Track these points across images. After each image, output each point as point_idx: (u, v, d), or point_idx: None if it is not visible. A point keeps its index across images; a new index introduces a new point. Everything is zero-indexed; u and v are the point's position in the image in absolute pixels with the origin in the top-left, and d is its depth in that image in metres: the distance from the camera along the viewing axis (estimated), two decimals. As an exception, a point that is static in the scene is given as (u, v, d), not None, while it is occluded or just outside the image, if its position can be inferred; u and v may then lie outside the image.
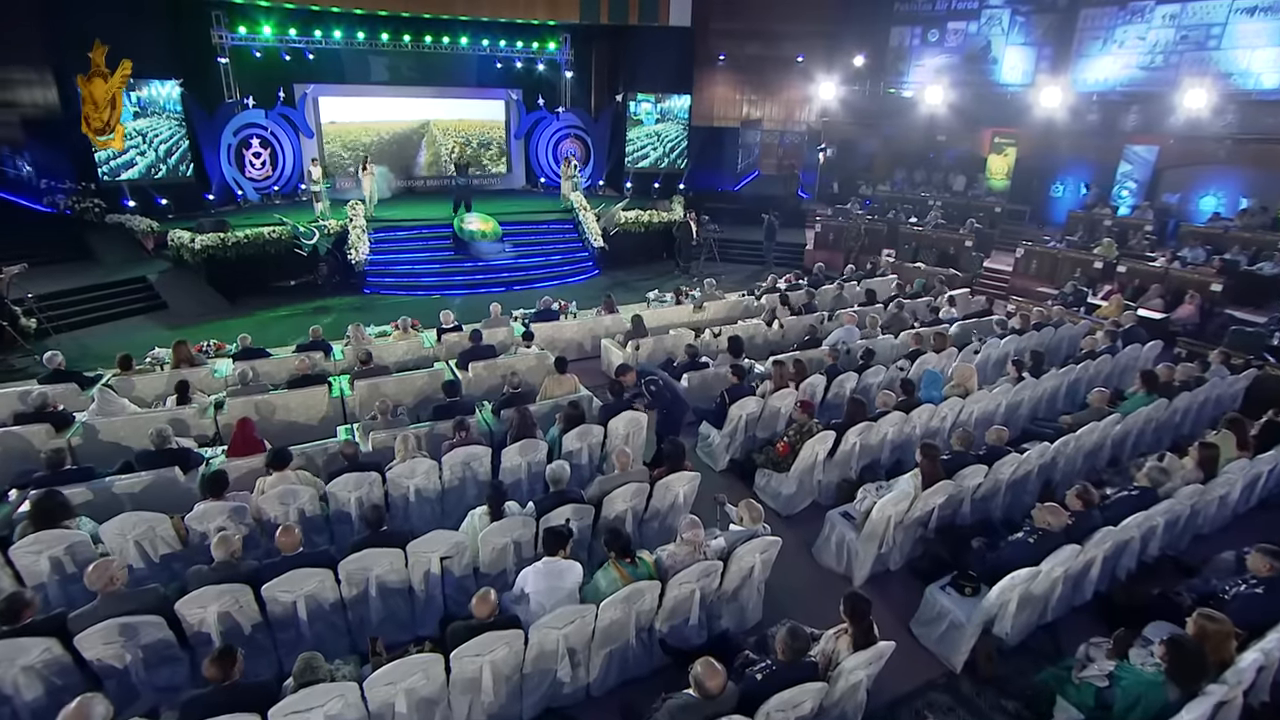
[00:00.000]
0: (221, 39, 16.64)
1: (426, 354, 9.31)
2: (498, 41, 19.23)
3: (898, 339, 9.81)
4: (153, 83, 15.22)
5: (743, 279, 15.36)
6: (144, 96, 15.27)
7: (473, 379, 8.47)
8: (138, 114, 15.24)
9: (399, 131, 19.52)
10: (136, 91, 15.13)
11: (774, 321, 10.43)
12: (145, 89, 15.19)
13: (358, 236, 13.56)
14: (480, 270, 14.43)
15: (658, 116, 20.29)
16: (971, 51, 18.02)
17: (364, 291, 13.61)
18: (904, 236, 15.50)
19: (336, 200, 15.81)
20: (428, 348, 9.35)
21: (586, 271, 15.38)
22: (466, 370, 8.48)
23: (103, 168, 14.73)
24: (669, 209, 17.06)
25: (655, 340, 9.53)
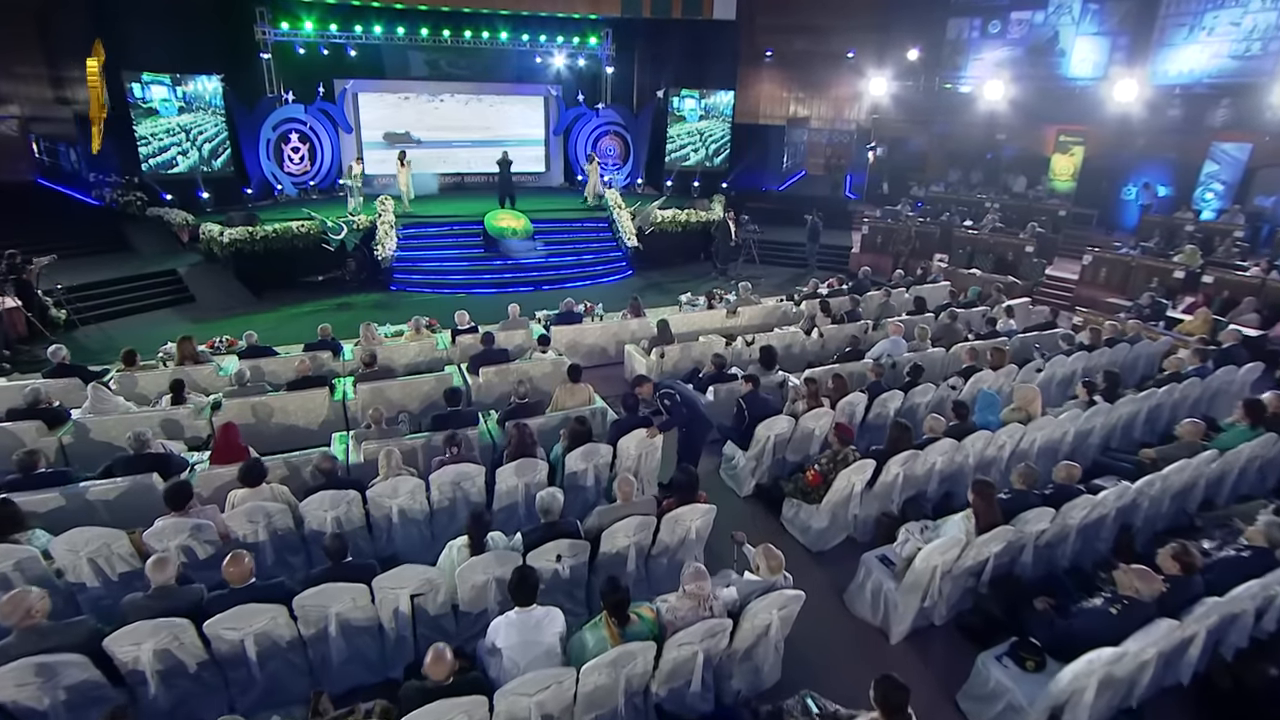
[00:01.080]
0: (265, 35, 16.55)
1: (440, 356, 8.75)
2: (538, 36, 18.74)
3: (949, 353, 8.83)
4: (198, 78, 15.18)
5: (782, 283, 14.47)
6: (189, 92, 15.26)
7: (483, 385, 7.86)
8: (182, 109, 15.24)
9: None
10: (182, 86, 15.14)
11: (813, 330, 9.55)
12: (191, 84, 15.18)
13: (385, 232, 13.17)
14: (509, 269, 13.89)
15: (701, 113, 19.49)
16: (1037, 43, 16.68)
17: (390, 288, 13.21)
18: (958, 240, 14.35)
19: (376, 196, 15.51)
20: (441, 350, 8.80)
21: (620, 272, 14.71)
22: (477, 375, 7.88)
23: (146, 163, 14.76)
24: (707, 208, 16.25)
25: (682, 348, 8.77)
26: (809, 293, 11.19)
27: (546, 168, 20.29)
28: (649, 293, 13.62)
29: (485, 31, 18.29)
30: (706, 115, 19.48)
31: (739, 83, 20.48)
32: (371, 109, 18.44)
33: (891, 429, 5.88)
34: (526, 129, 19.94)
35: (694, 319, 10.11)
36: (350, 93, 17.98)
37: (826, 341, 9.59)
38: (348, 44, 17.27)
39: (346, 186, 14.78)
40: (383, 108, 18.60)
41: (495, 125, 19.65)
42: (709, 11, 19.12)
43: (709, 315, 10.22)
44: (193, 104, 15.35)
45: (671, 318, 9.93)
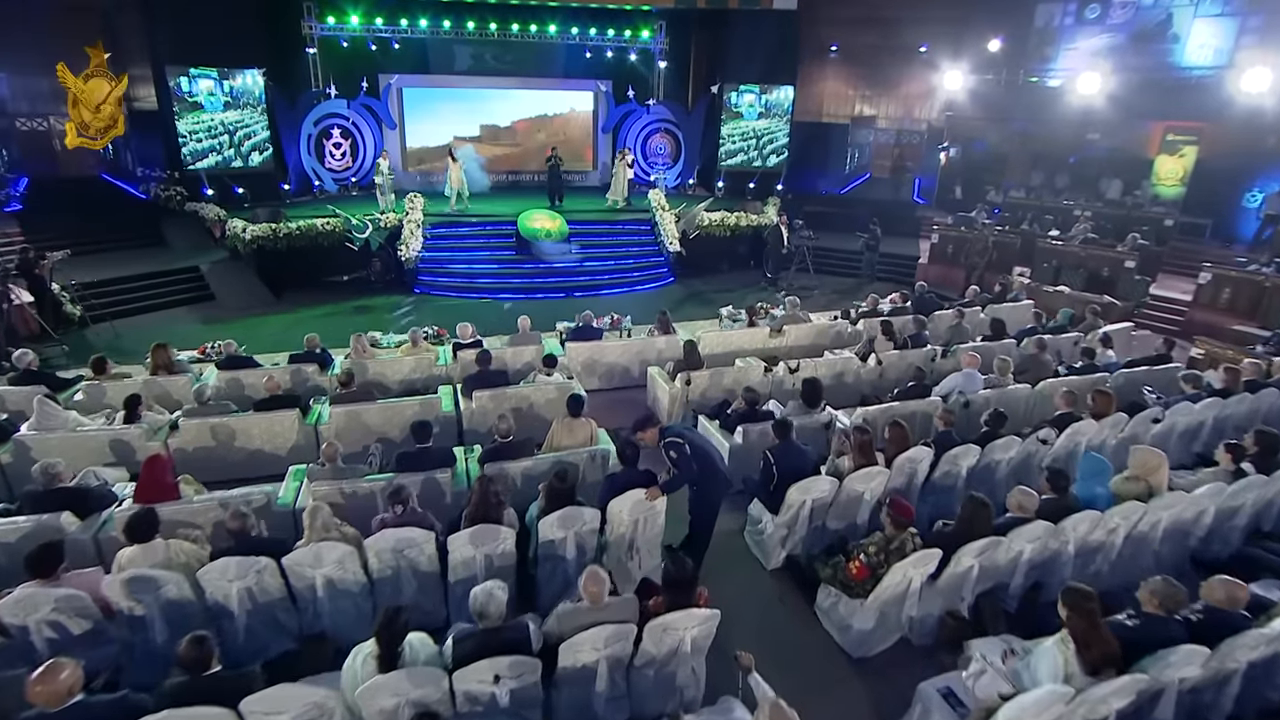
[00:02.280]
0: (311, 29, 16.03)
1: (439, 374, 7.69)
2: (588, 29, 17.62)
3: (1035, 390, 7.20)
4: (244, 72, 14.72)
5: (838, 296, 12.87)
6: (236, 86, 14.82)
7: (477, 411, 6.74)
8: (228, 104, 14.80)
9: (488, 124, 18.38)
10: (230, 81, 14.71)
11: (870, 356, 8.05)
12: (238, 78, 14.74)
13: (410, 232, 12.28)
14: (541, 273, 12.81)
15: (760, 110, 17.97)
16: (1144, 28, 14.47)
17: (414, 291, 12.33)
18: (1042, 252, 12.44)
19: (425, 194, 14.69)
20: (441, 366, 7.73)
21: (660, 279, 13.42)
22: (470, 399, 6.77)
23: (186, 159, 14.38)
24: (759, 211, 14.77)
25: (712, 374, 7.42)
26: (868, 310, 9.65)
27: (594, 166, 19.19)
28: (689, 303, 12.30)
29: (533, 24, 17.29)
30: (766, 113, 17.95)
31: (800, 79, 18.82)
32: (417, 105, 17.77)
33: (965, 505, 4.41)
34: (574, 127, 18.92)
35: (732, 338, 8.74)
36: (395, 87, 17.30)
37: (886, 370, 8.07)
38: (393, 38, 16.59)
39: (377, 184, 14.01)
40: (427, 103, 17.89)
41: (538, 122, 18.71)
42: (768, 2, 17.58)
43: (750, 334, 8.83)
44: (239, 99, 14.90)
45: (706, 335, 8.61)
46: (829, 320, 9.64)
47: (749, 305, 9.23)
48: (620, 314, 9.71)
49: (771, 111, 17.94)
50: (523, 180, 18.45)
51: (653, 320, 9.54)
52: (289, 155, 15.82)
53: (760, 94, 17.77)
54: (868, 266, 14.02)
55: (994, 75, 16.62)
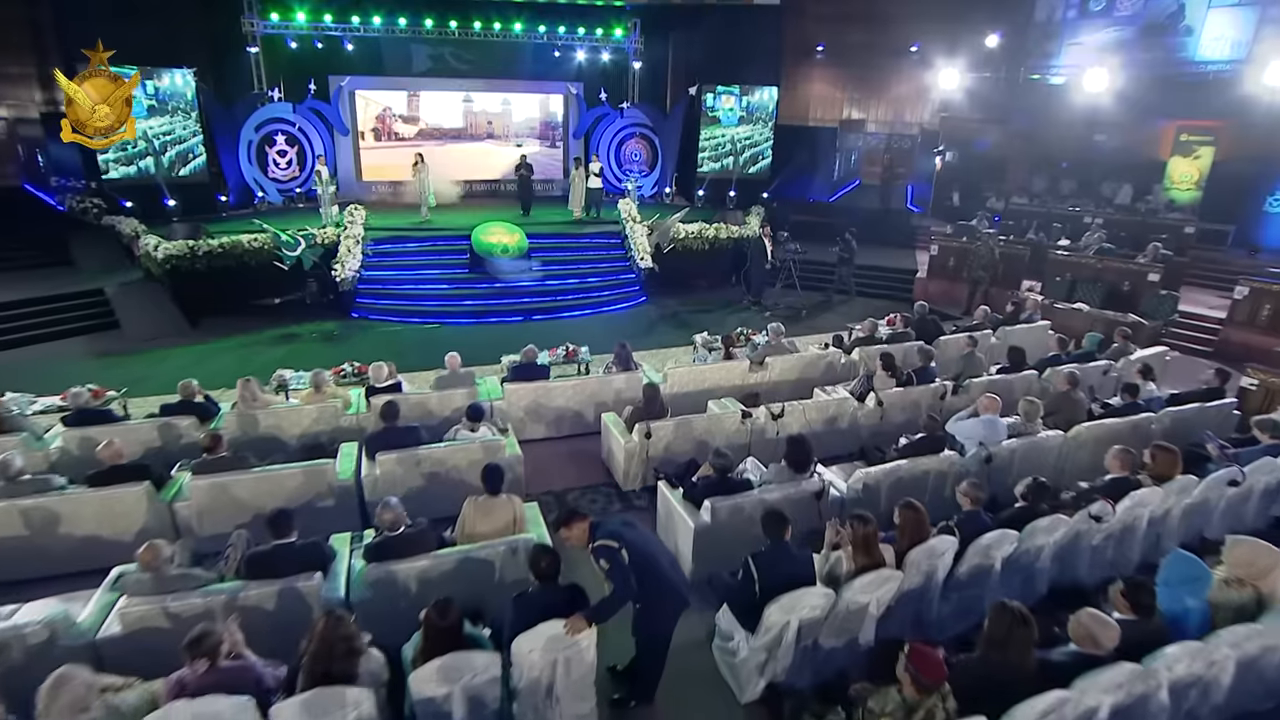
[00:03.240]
0: (253, 27, 14.72)
1: (350, 425, 6.35)
2: (556, 27, 16.43)
3: (1070, 436, 5.96)
4: (173, 72, 13.36)
5: (828, 316, 11.63)
6: (164, 88, 13.46)
7: (381, 479, 5.40)
8: (153, 108, 13.43)
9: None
10: (155, 81, 13.35)
11: (868, 395, 6.79)
12: (164, 79, 13.38)
13: (347, 250, 10.94)
14: (497, 293, 11.50)
15: (741, 114, 16.81)
16: (1154, 21, 13.41)
17: (351, 315, 10.98)
18: (1054, 265, 11.27)
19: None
20: (351, 416, 6.39)
21: (631, 299, 12.14)
22: (374, 463, 5.43)
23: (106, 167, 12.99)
24: (740, 222, 13.55)
25: (678, 425, 6.11)
26: (864, 336, 8.40)
27: (565, 175, 17.94)
28: (663, 326, 11.02)
29: (497, 22, 16.09)
30: (748, 116, 16.79)
31: (785, 80, 17.75)
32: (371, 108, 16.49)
33: (996, 619, 3.10)
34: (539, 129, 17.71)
35: (705, 374, 7.45)
36: (346, 90, 16.00)
37: (888, 411, 6.80)
38: (344, 37, 15.32)
39: (319, 194, 12.68)
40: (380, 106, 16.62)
41: (504, 127, 17.51)
42: (750, -3, 16.50)
43: (726, 369, 7.54)
44: (167, 101, 13.54)
45: (675, 372, 7.32)
46: (818, 349, 8.37)
47: (727, 335, 7.92)
48: (577, 344, 8.39)
49: (754, 115, 16.79)
50: (498, 189, 17.24)
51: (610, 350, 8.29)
52: (227, 164, 14.47)
53: (741, 96, 16.63)
54: (842, 281, 12.81)
55: (992, 73, 15.55)
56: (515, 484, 5.77)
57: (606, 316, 11.45)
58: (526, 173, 14.65)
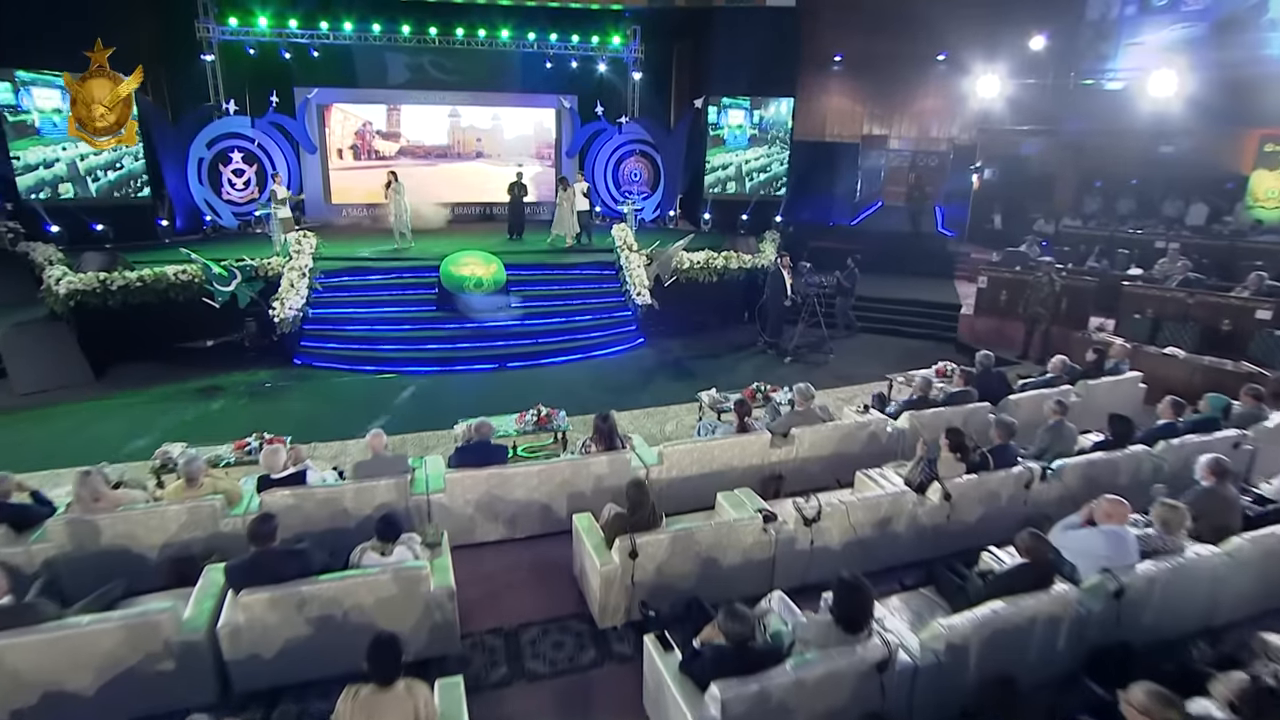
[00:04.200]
0: (208, 33, 13.50)
1: (231, 532, 4.76)
2: (548, 35, 15.14)
3: (1227, 553, 4.32)
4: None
5: (862, 361, 10.02)
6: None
7: (246, 628, 3.80)
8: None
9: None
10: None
11: (930, 485, 5.17)
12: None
13: (290, 284, 9.45)
14: (468, 335, 9.95)
15: (752, 131, 15.41)
16: (1232, 15, 11.91)
17: (294, 362, 9.45)
18: (1129, 299, 9.64)
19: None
20: (234, 518, 4.80)
21: (626, 341, 10.56)
22: (237, 605, 3.84)
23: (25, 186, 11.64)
24: (754, 250, 12.02)
25: (675, 539, 4.47)
26: (918, 395, 6.77)
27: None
28: (663, 376, 9.42)
29: (482, 29, 14.82)
30: (760, 135, 15.37)
31: (800, 93, 16.34)
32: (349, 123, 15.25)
33: None
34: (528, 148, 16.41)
35: (713, 452, 5.82)
36: (313, 104, 14.73)
37: (957, 506, 5.18)
38: (311, 44, 14.07)
39: (268, 217, 11.26)
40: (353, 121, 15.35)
41: (495, 144, 16.25)
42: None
43: (740, 444, 5.92)
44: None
45: (673, 451, 5.72)
46: (856, 412, 6.76)
47: (740, 400, 6.29)
48: (553, 404, 6.80)
49: (767, 133, 15.35)
50: (490, 213, 15.88)
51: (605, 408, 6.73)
52: (173, 184, 13.11)
53: (751, 110, 15.22)
54: (841, 315, 11.23)
55: (1038, 79, 14.04)
56: (443, 631, 4.17)
57: (596, 364, 9.87)
58: (520, 193, 13.35)
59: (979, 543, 5.13)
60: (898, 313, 11.71)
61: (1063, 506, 5.41)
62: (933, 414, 6.57)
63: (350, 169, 15.45)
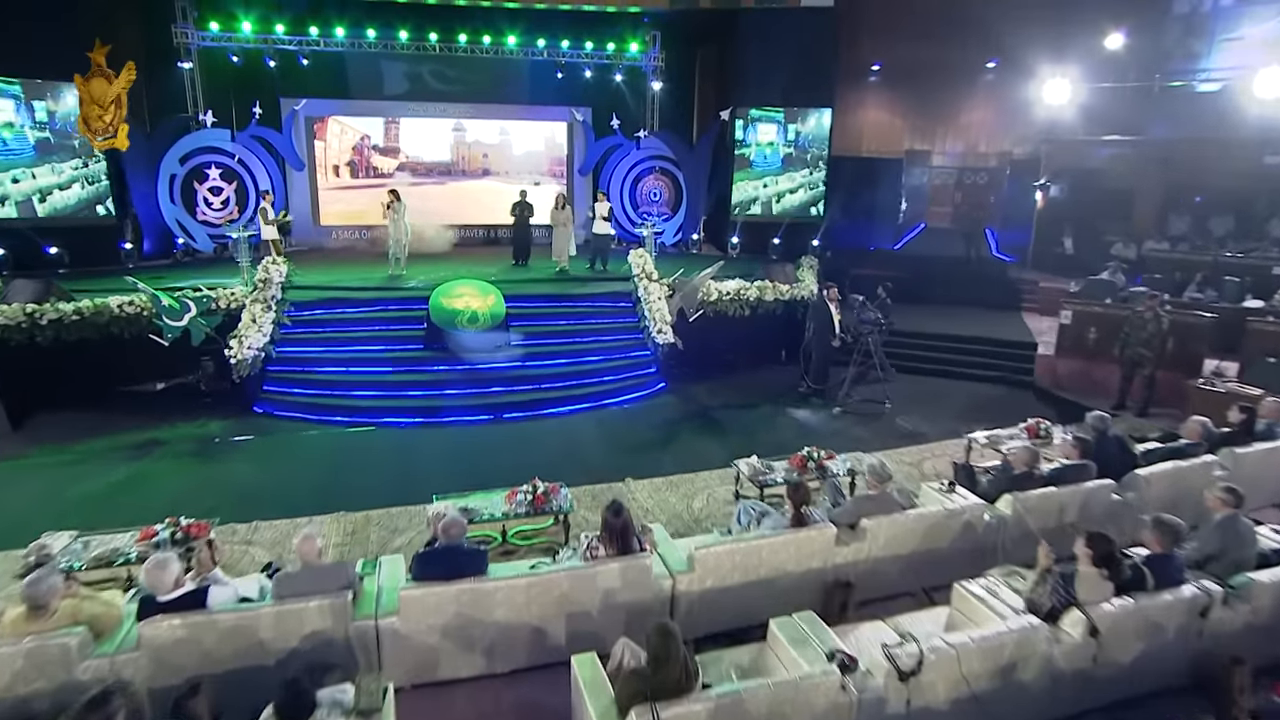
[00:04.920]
0: (186, 39, 12.70)
1: (90, 679, 3.50)
2: (559, 41, 14.23)
3: None
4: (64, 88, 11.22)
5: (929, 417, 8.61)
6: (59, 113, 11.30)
7: None
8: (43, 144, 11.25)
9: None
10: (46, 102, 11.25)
11: (1067, 611, 3.82)
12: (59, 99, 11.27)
13: (250, 320, 8.33)
14: (460, 379, 8.73)
15: (787, 148, 14.29)
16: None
17: (253, 410, 8.29)
18: (1256, 338, 8.24)
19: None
20: (104, 657, 3.56)
21: (645, 387, 9.26)
22: None
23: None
24: (791, 279, 10.76)
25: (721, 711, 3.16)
26: (1020, 470, 5.40)
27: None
28: (688, 432, 8.10)
29: (487, 35, 13.94)
30: (796, 154, 14.24)
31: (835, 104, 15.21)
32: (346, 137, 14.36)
33: None
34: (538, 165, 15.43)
35: (760, 554, 4.49)
36: (301, 116, 13.85)
37: (1105, 646, 3.81)
38: (300, 51, 13.23)
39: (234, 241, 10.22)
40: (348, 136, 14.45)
41: (503, 161, 15.30)
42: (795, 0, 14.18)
43: (796, 542, 4.59)
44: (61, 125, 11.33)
45: (707, 554, 4.40)
46: (938, 490, 5.39)
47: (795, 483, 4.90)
48: (556, 475, 5.53)
49: (805, 151, 14.21)
50: (496, 236, 14.88)
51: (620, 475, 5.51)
52: (140, 203, 12.19)
53: (785, 124, 14.09)
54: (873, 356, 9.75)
55: (1115, 82, 12.74)
56: None
57: (609, 414, 8.59)
58: (526, 213, 12.22)
59: (1135, 691, 3.80)
60: (958, 351, 10.36)
61: (1251, 640, 4.06)
62: (1041, 496, 5.21)
63: (347, 188, 14.54)
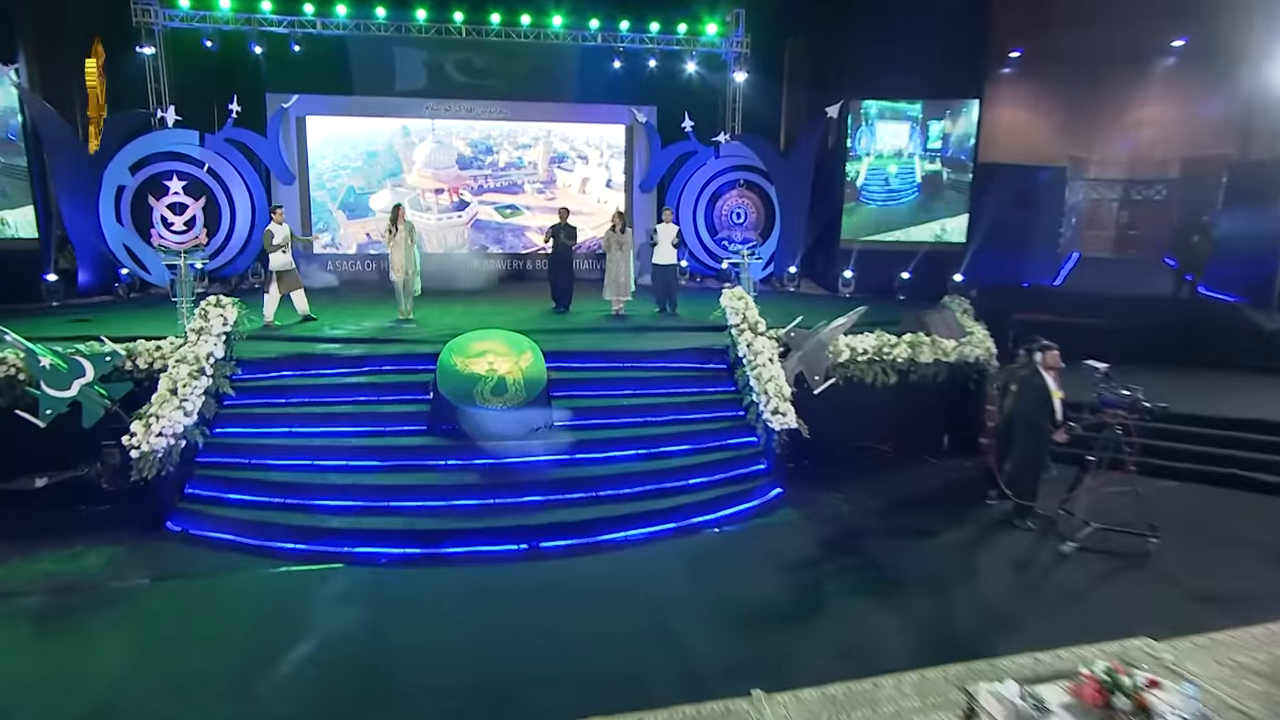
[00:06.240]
0: (150, 18, 10.93)
1: None
2: (616, 24, 12.26)
3: None
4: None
5: (1229, 564, 5.83)
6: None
7: None
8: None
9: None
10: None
11: None
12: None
13: (170, 389, 6.06)
14: (478, 485, 6.28)
15: (926, 162, 11.87)
16: None
17: (167, 527, 5.94)
18: None
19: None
20: None
21: (755, 494, 6.62)
22: None
23: None
24: (957, 331, 8.11)
25: None
26: None
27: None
28: (835, 589, 5.45)
29: (525, 14, 11.97)
30: (938, 158, 11.80)
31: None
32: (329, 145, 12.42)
33: None
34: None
35: None
36: (292, 115, 11.94)
37: None
38: (291, 35, 11.38)
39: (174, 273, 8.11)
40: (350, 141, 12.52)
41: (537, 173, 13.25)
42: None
43: None
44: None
45: None
46: None
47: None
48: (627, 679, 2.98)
49: (952, 158, 11.77)
50: (516, 268, 12.96)
51: (741, 684, 2.98)
52: (72, 222, 10.25)
53: (922, 123, 11.66)
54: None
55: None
56: None
57: (703, 544, 6.00)
58: (567, 240, 9.70)
59: None
60: (1216, 440, 7.55)
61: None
62: None
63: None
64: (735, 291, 7.82)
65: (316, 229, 12.15)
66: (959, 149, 11.60)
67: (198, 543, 5.81)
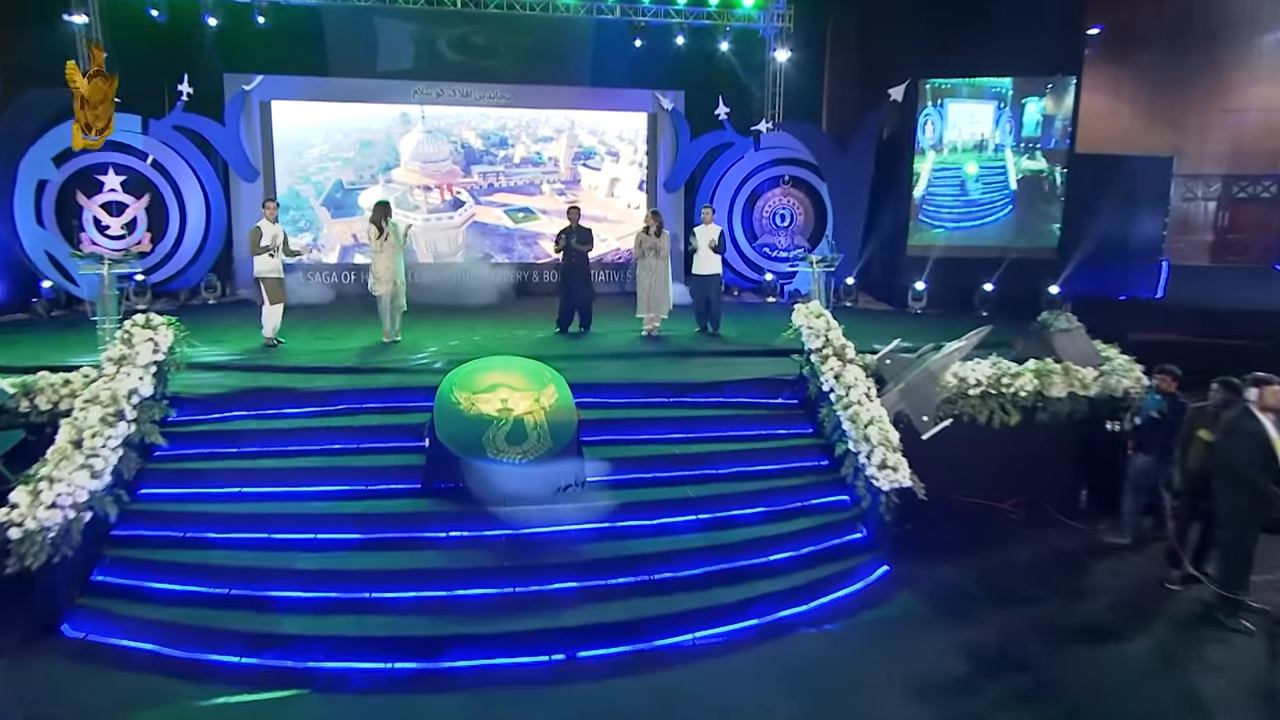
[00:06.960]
0: (79, -17, 9.83)
1: None
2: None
3: None
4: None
5: None
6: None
7: None
8: None
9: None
10: None
11: None
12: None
13: (71, 439, 4.80)
14: (489, 567, 4.99)
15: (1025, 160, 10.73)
16: None
17: (61, 631, 4.64)
18: None
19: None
20: None
21: (854, 574, 5.35)
22: None
23: None
24: (1093, 358, 6.85)
25: None
26: None
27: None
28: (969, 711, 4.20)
29: (532, -17, 10.90)
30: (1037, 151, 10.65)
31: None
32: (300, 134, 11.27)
33: None
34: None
35: None
36: (255, 99, 10.80)
37: None
38: (254, 5, 10.28)
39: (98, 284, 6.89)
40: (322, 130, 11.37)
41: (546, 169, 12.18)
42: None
43: None
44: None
45: None
46: None
47: None
48: None
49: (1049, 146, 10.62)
50: (524, 279, 11.85)
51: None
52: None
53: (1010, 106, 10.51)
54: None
55: None
56: None
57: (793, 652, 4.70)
58: (579, 245, 8.52)
59: None
60: None
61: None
62: None
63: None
64: (812, 307, 6.56)
65: (298, 228, 11.01)
66: (1063, 138, 10.40)
67: (102, 657, 4.49)
